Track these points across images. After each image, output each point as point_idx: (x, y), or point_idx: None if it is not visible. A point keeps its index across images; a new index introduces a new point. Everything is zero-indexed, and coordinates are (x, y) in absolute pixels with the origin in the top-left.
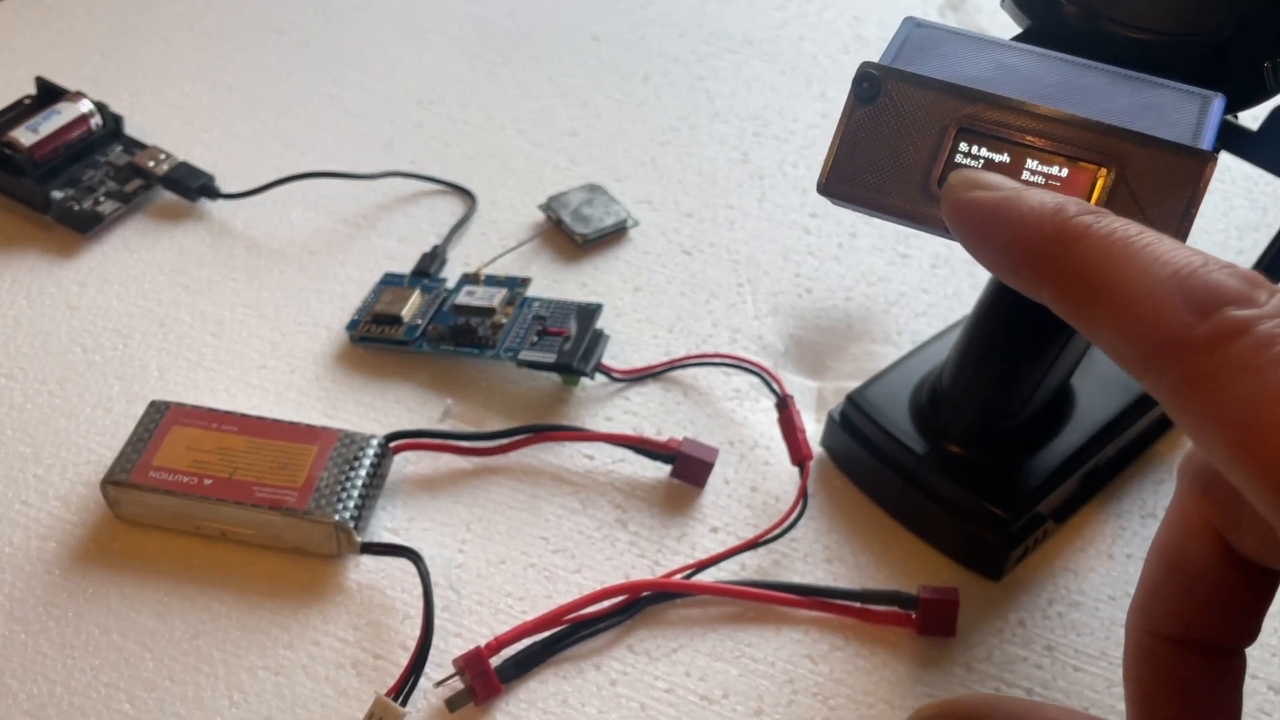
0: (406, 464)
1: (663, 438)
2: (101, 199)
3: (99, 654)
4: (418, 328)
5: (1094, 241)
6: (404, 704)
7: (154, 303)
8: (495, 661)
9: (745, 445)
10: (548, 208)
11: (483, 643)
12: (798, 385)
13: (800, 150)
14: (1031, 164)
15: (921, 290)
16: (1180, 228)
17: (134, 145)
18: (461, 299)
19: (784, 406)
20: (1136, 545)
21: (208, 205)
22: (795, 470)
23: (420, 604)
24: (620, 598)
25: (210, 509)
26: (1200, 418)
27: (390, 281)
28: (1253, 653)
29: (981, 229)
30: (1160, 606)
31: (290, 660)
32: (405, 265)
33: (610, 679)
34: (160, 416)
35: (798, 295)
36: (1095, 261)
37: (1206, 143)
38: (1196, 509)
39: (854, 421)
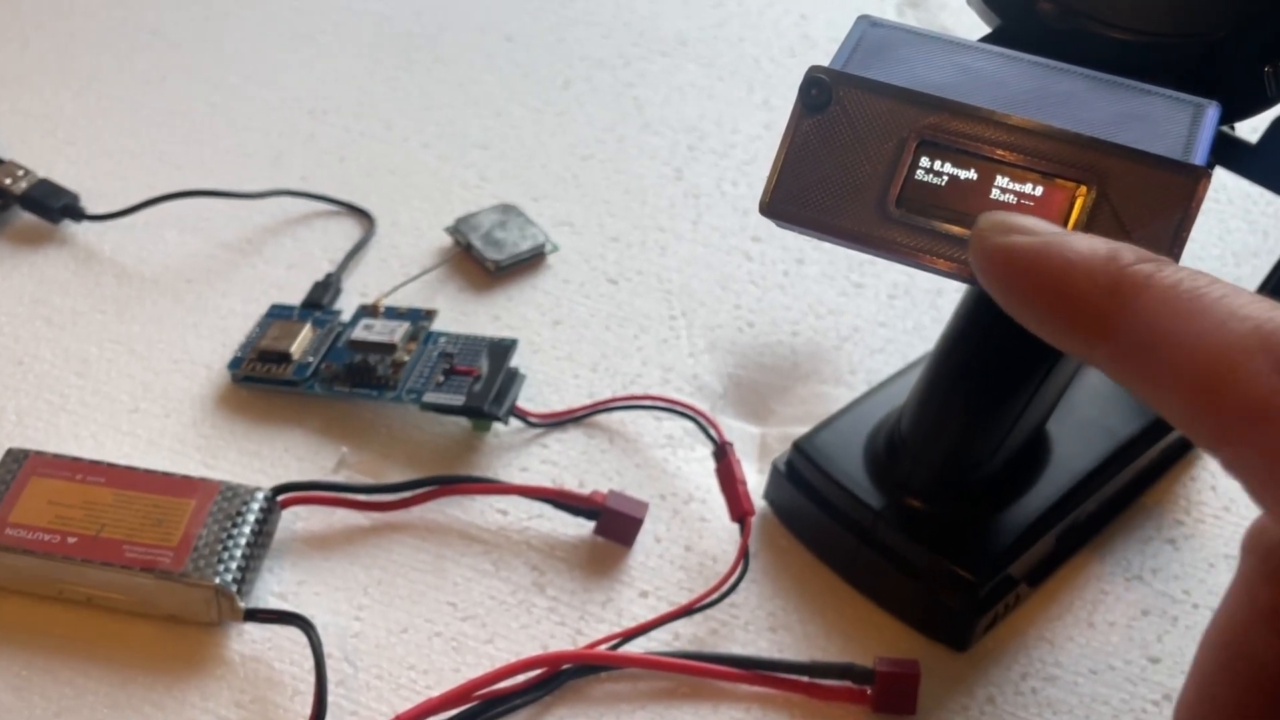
0: (296, 520)
1: (586, 490)
2: None
3: None
4: (309, 366)
5: (1158, 294)
6: None
7: (10, 338)
8: None
9: (679, 499)
10: (456, 231)
11: None
12: (738, 431)
13: (741, 166)
14: (1002, 181)
15: (878, 324)
16: (1170, 253)
17: None
18: (358, 334)
19: (722, 455)
20: (1120, 612)
21: (72, 228)
22: (735, 527)
23: (311, 678)
24: (538, 671)
25: (75, 571)
26: None
27: (278, 314)
28: None
29: (1022, 281)
30: (1217, 710)
31: None
32: (295, 296)
33: None
34: (18, 467)
35: (738, 329)
36: (1161, 317)
37: (1199, 157)
38: (1267, 594)
39: (801, 472)
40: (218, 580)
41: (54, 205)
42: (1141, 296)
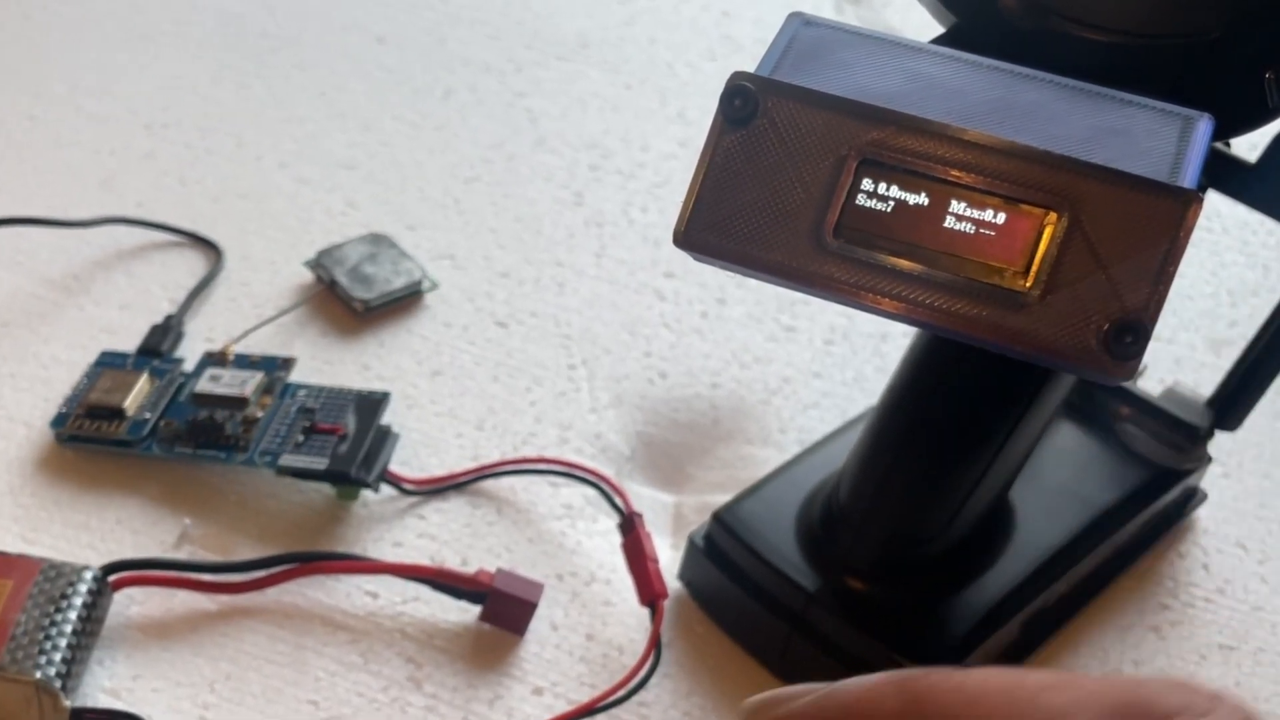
0: (131, 604)
1: (470, 569)
2: None
3: None
4: (145, 424)
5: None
6: None
7: None
8: None
9: (579, 579)
10: (318, 265)
11: None
12: (648, 500)
13: (652, 189)
14: (957, 207)
15: (812, 374)
16: (1154, 292)
17: None
18: (204, 386)
19: (630, 528)
20: None
21: None
22: (645, 612)
23: None
24: None
25: None
26: None
27: (109, 363)
28: None
29: None
30: None
31: None
32: (129, 341)
33: None
34: None
35: (648, 381)
36: None
37: (1189, 178)
38: None
39: (723, 548)
40: (39, 675)
41: None
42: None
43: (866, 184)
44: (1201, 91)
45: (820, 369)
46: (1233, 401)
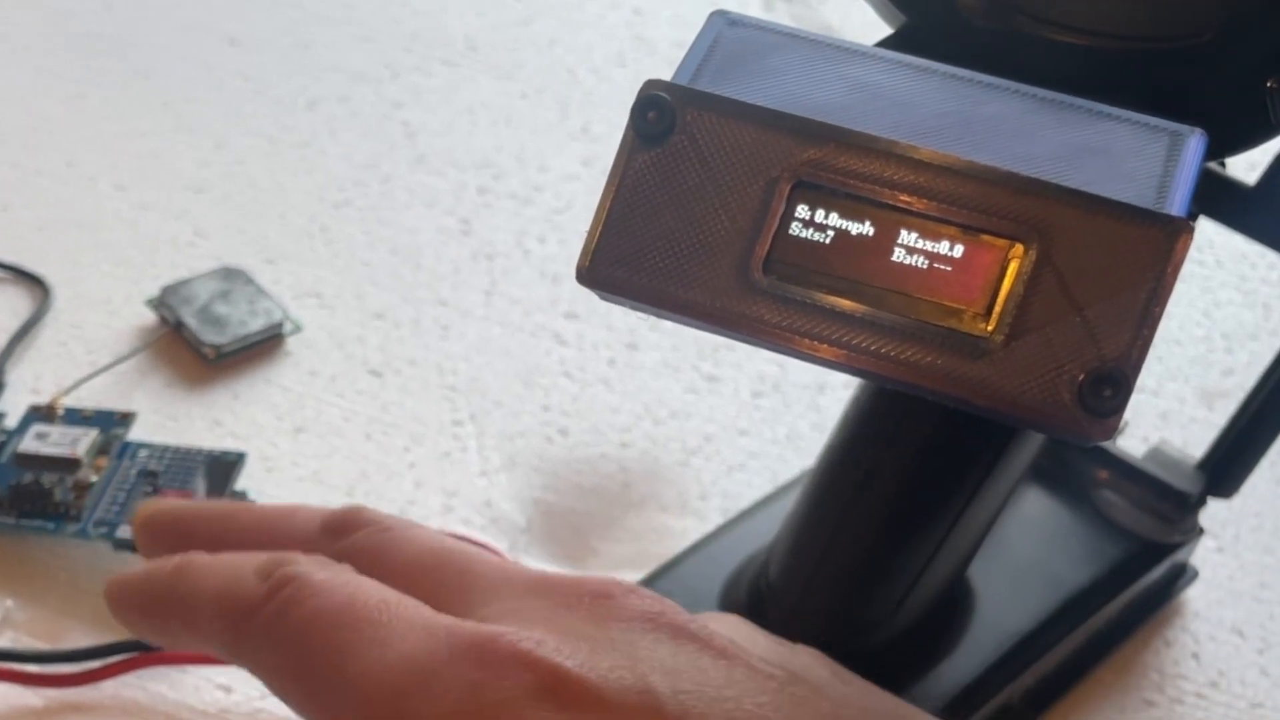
0: None
1: None
2: None
3: None
4: None
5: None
6: None
7: None
8: None
9: None
10: (162, 304)
11: None
12: None
13: (551, 216)
14: (907, 237)
15: (738, 431)
16: (1137, 336)
17: None
18: (29, 445)
19: None
20: None
21: None
22: None
23: None
24: None
25: None
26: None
27: None
28: None
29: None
30: None
31: None
32: None
33: None
34: None
35: (547, 439)
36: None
37: (1178, 204)
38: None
39: None
40: None
41: None
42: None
43: (802, 211)
44: (1193, 103)
45: (747, 425)
46: (1228, 464)
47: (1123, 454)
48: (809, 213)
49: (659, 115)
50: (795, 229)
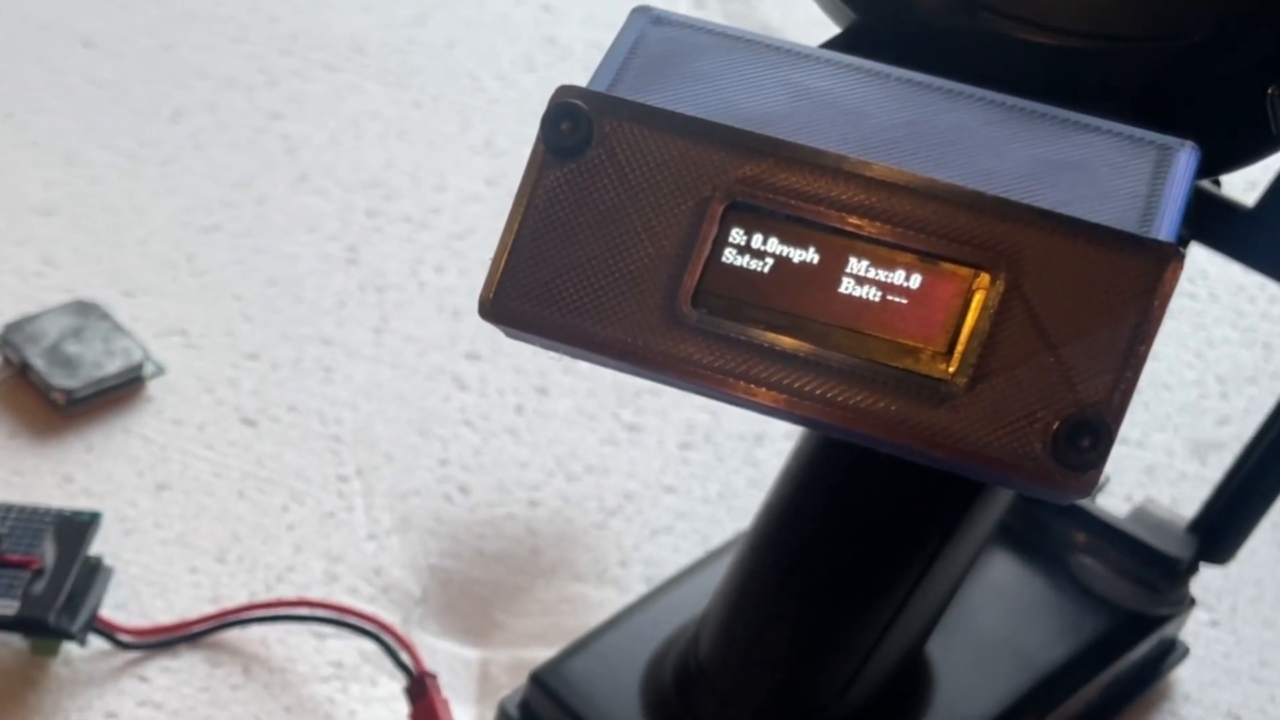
0: None
1: None
2: None
3: None
4: None
5: None
6: None
7: None
8: None
9: None
10: (5, 343)
11: None
12: (445, 656)
13: (450, 242)
14: (857, 265)
15: (663, 488)
16: (1119, 379)
17: None
18: None
19: (421, 693)
20: None
21: None
22: None
23: None
24: None
25: None
26: None
27: None
28: None
29: None
30: None
31: None
32: None
33: None
34: None
35: (445, 498)
36: None
37: (1167, 229)
38: None
39: (544, 719)
40: None
41: None
42: None
43: (736, 235)
44: (1182, 113)
45: (674, 481)
46: (1223, 525)
47: (1103, 514)
48: (745, 237)
49: (573, 126)
50: (729, 256)
